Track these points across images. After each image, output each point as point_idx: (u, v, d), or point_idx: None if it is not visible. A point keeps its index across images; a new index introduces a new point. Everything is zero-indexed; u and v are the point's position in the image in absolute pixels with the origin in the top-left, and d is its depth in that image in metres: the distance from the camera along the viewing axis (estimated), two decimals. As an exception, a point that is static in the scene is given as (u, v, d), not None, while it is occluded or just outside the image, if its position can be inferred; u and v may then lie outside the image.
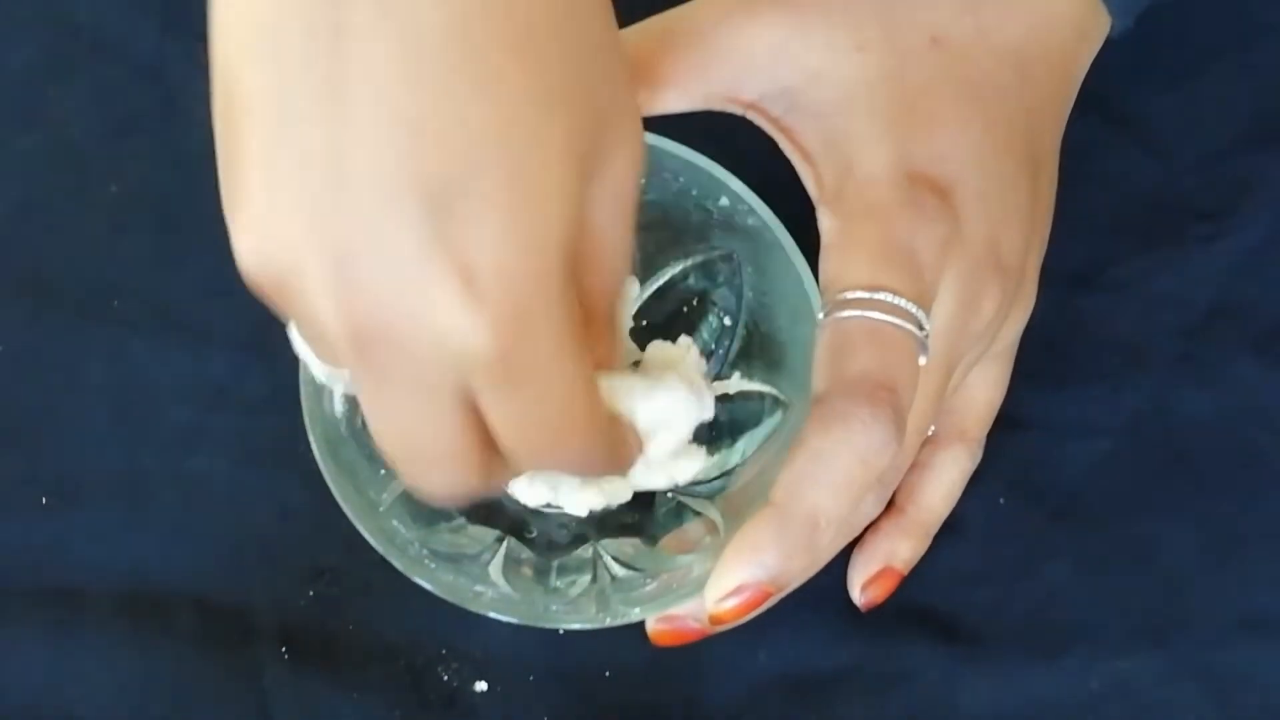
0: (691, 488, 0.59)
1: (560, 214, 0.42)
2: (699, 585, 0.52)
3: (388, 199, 0.40)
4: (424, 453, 0.45)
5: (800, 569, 0.51)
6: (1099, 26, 0.59)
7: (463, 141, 0.40)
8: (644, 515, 0.60)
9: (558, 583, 0.57)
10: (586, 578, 0.57)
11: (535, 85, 0.41)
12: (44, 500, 0.62)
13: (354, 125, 0.40)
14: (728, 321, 0.60)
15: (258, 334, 0.63)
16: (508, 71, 0.40)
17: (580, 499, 0.55)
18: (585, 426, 0.45)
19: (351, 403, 0.56)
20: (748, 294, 0.58)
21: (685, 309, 0.61)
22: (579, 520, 0.58)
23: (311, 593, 0.61)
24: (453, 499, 0.47)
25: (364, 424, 0.55)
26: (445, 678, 0.60)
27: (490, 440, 0.45)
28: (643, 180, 0.45)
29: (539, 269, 0.41)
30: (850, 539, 0.60)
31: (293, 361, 0.54)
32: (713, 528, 0.57)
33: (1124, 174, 0.67)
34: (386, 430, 0.45)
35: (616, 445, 0.48)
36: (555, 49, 0.41)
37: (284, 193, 0.41)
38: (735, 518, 0.54)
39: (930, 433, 0.60)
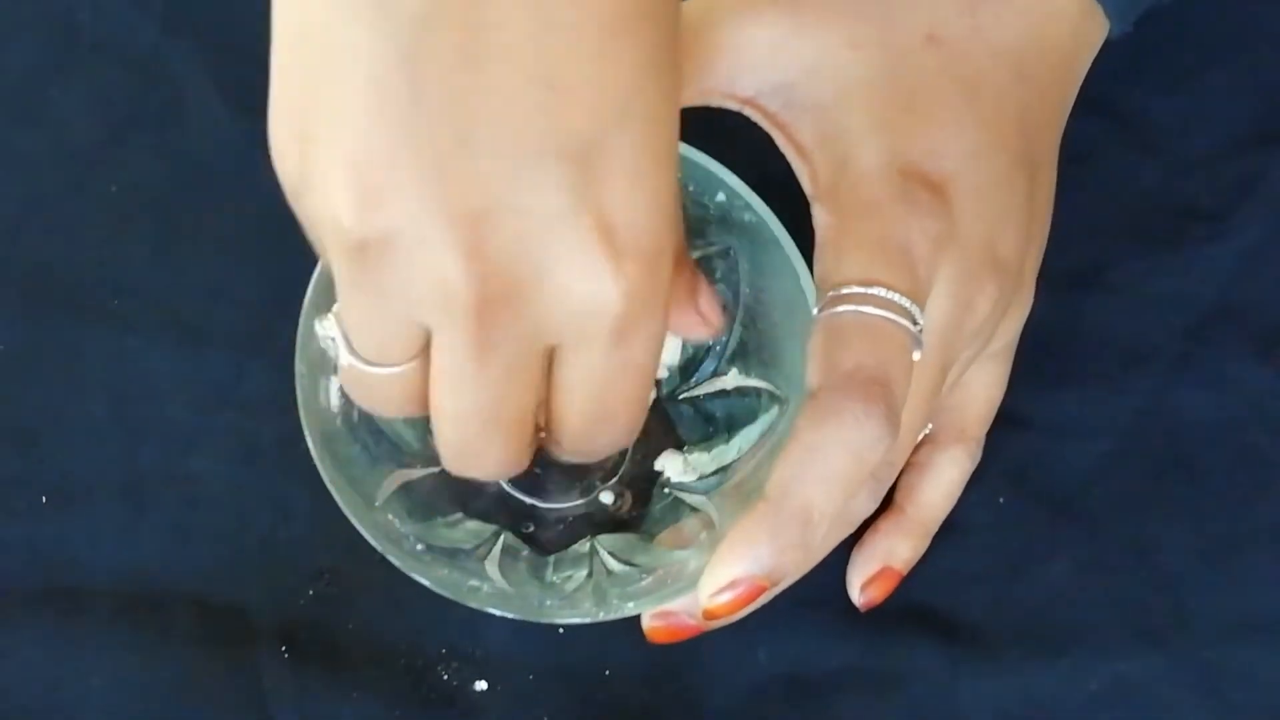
0: (687, 483, 0.59)
1: (675, 176, 0.43)
2: (695, 580, 0.52)
3: (529, 156, 0.40)
4: (500, 421, 0.45)
5: (794, 564, 0.51)
6: (1098, 28, 0.59)
7: (598, 102, 0.40)
8: (640, 510, 0.60)
9: (554, 578, 0.57)
10: (583, 573, 0.57)
11: (649, 56, 0.41)
12: (44, 500, 0.62)
13: (490, 83, 0.39)
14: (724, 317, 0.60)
15: (258, 334, 0.63)
16: (628, 41, 0.41)
17: None
18: (644, 398, 0.47)
19: (347, 397, 0.56)
20: (744, 290, 0.58)
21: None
22: (576, 516, 0.58)
23: (311, 593, 0.61)
24: (500, 470, 0.48)
25: (360, 418, 0.56)
26: (445, 677, 0.60)
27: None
28: None
29: (666, 228, 0.42)
30: (845, 534, 0.60)
31: (292, 361, 0.54)
32: (708, 523, 0.56)
33: (1124, 174, 0.67)
34: (467, 399, 0.45)
35: None
36: (656, 25, 0.42)
37: (404, 154, 0.40)
38: (731, 513, 0.54)
39: (929, 431, 0.61)
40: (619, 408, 0.46)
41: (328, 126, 0.41)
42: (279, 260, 0.60)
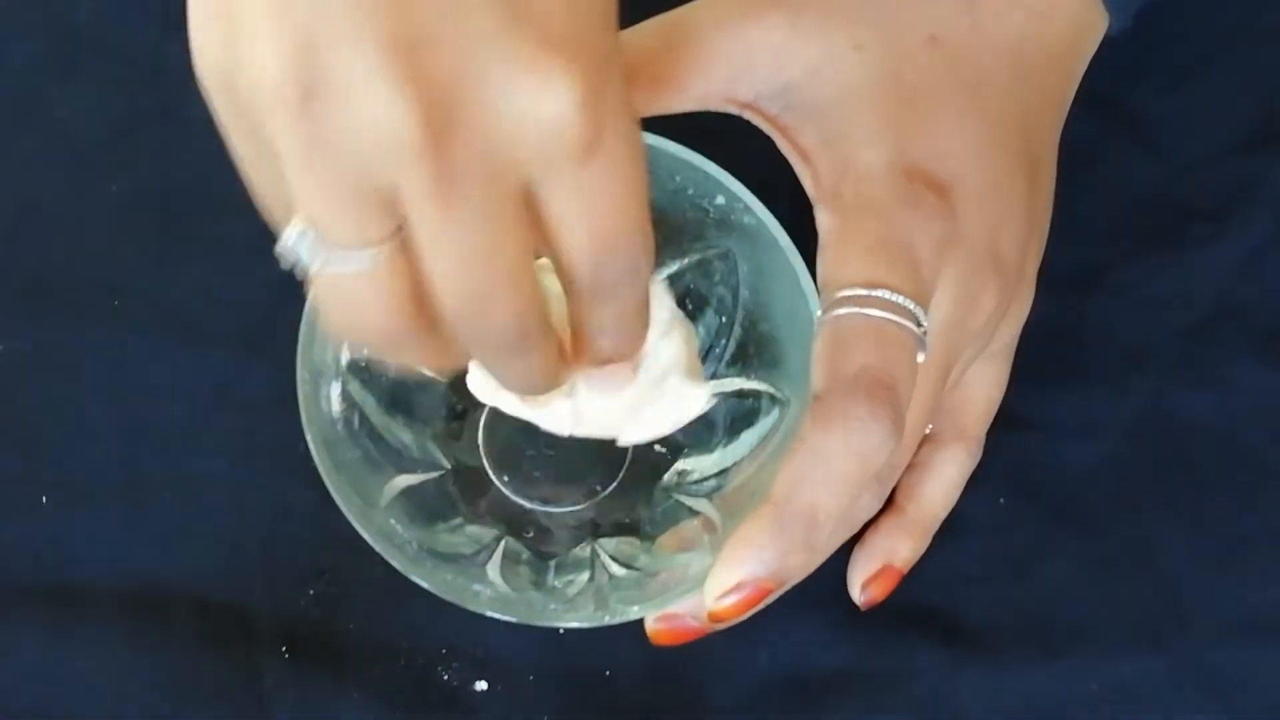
0: (689, 486, 0.59)
1: None
2: (697, 583, 0.52)
3: None
4: (498, 268, 0.42)
5: (798, 565, 0.51)
6: (1097, 24, 0.59)
7: None
8: (642, 514, 0.60)
9: (556, 582, 0.57)
10: (584, 576, 0.57)
11: None
12: (44, 500, 0.62)
13: None
14: (724, 320, 0.60)
15: (258, 334, 0.63)
16: None
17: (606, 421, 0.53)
18: (643, 210, 0.44)
19: (349, 401, 0.56)
20: (744, 292, 0.58)
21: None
22: (576, 520, 0.58)
23: (312, 592, 0.61)
24: (523, 329, 0.44)
25: (361, 423, 0.56)
26: (445, 677, 0.61)
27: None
28: None
29: (608, 30, 0.41)
30: (849, 536, 0.60)
31: (292, 361, 0.54)
32: (710, 526, 0.57)
33: (1125, 175, 0.67)
34: (456, 264, 0.42)
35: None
36: None
37: None
38: (733, 516, 0.54)
39: (929, 431, 0.61)
40: (619, 227, 0.43)
41: None
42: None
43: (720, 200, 0.57)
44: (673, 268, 0.59)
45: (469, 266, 0.42)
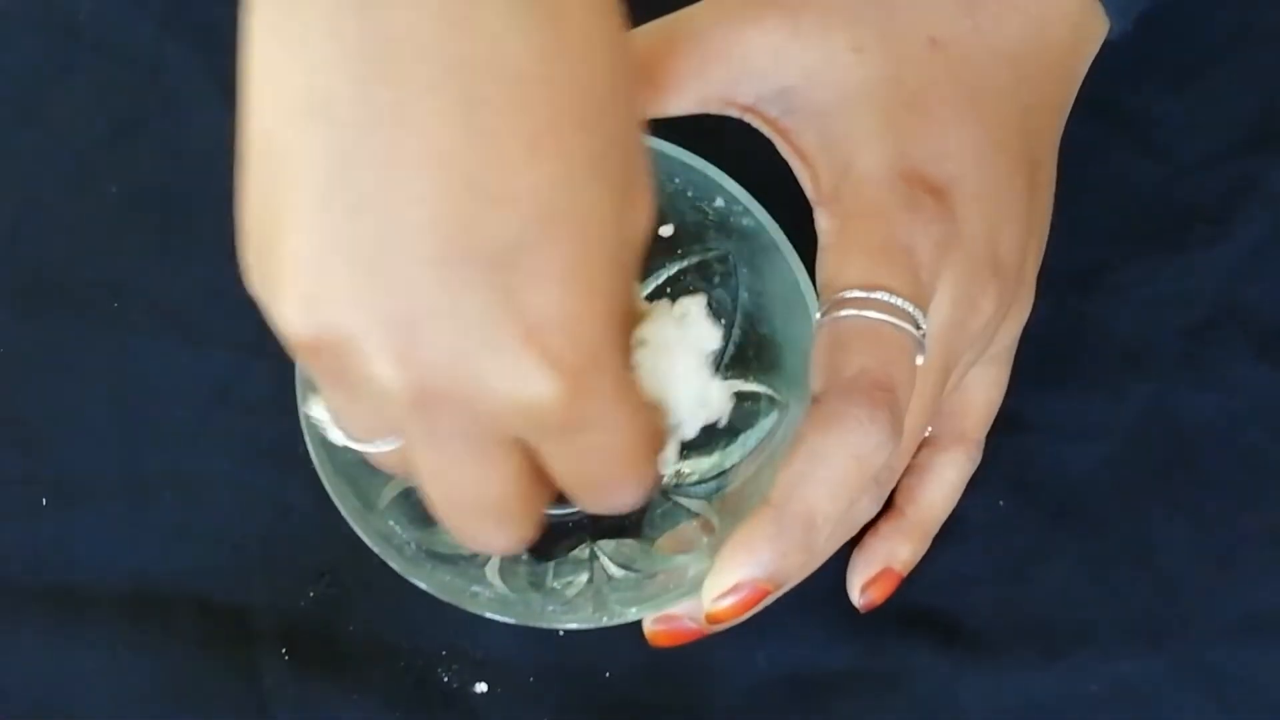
0: (688, 488, 0.59)
1: (618, 267, 0.43)
2: (696, 585, 0.52)
3: (451, 262, 0.40)
4: (480, 506, 0.46)
5: (796, 567, 0.51)
6: (1097, 27, 0.59)
7: (523, 203, 0.40)
8: (640, 516, 0.60)
9: (554, 583, 0.57)
10: (583, 578, 0.57)
11: (583, 164, 0.41)
12: (44, 500, 0.62)
13: (413, 188, 0.40)
14: (723, 322, 0.60)
15: (258, 334, 0.62)
16: (555, 151, 0.41)
17: None
18: (647, 454, 0.46)
19: None
20: (743, 295, 0.58)
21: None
22: (575, 521, 0.58)
23: (312, 593, 0.61)
24: (507, 549, 0.48)
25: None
26: (445, 678, 0.61)
27: (539, 481, 0.46)
28: None
29: (605, 321, 0.42)
30: (847, 538, 0.60)
31: (292, 361, 0.54)
32: (709, 528, 0.57)
33: (1125, 176, 0.67)
34: (442, 488, 0.46)
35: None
36: (602, 122, 0.42)
37: (339, 257, 0.40)
38: (731, 517, 0.54)
39: (929, 434, 0.61)
40: (613, 477, 0.46)
41: (280, 234, 0.41)
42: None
43: (719, 202, 0.56)
44: (671, 270, 0.59)
45: (455, 500, 0.46)
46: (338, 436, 0.47)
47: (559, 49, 0.41)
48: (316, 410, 0.47)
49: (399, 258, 0.40)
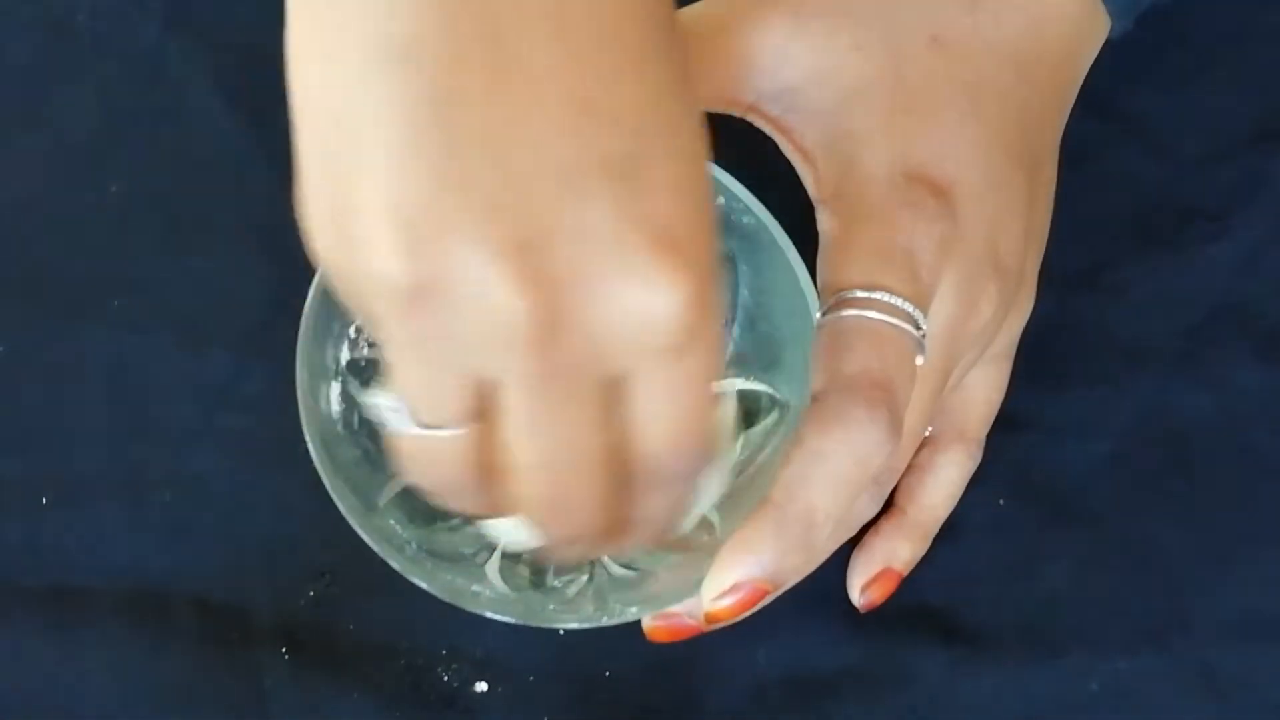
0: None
1: (711, 186, 0.43)
2: (696, 584, 0.52)
3: (572, 177, 0.40)
4: (577, 462, 0.44)
5: (796, 567, 0.52)
6: (1099, 27, 0.59)
7: (632, 119, 0.41)
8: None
9: (555, 582, 0.57)
10: (584, 577, 0.57)
11: (671, 75, 0.42)
12: (44, 500, 0.62)
13: (523, 113, 0.40)
14: (724, 321, 0.60)
15: (258, 334, 0.63)
16: (651, 64, 0.42)
17: None
18: (714, 417, 0.46)
19: (348, 401, 0.56)
20: (744, 293, 0.58)
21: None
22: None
23: (312, 593, 0.61)
24: (584, 529, 0.47)
25: (360, 423, 0.55)
26: (445, 678, 0.60)
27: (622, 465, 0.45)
28: None
29: (711, 236, 0.42)
30: (846, 538, 0.60)
31: (292, 361, 0.54)
32: (709, 527, 0.57)
33: (1125, 174, 0.67)
34: (539, 443, 0.44)
35: None
36: (669, 54, 0.43)
37: (445, 193, 0.40)
38: (731, 517, 0.54)
39: (929, 434, 0.61)
40: (693, 429, 0.45)
41: (366, 186, 0.40)
42: (279, 260, 0.60)
43: (720, 201, 0.56)
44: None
45: (551, 461, 0.44)
46: (403, 424, 0.45)
47: None
48: (381, 398, 0.46)
49: (512, 182, 0.40)
